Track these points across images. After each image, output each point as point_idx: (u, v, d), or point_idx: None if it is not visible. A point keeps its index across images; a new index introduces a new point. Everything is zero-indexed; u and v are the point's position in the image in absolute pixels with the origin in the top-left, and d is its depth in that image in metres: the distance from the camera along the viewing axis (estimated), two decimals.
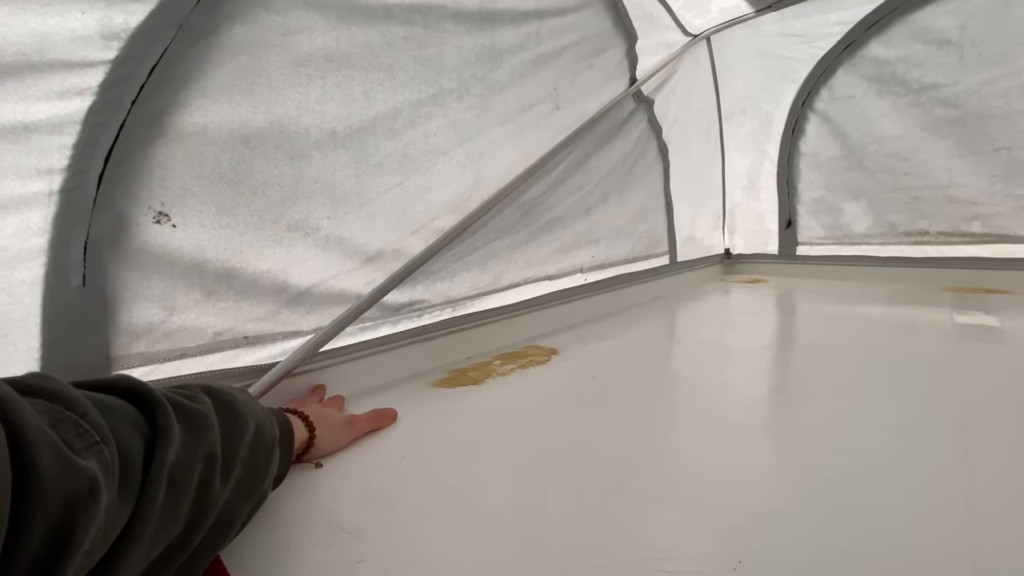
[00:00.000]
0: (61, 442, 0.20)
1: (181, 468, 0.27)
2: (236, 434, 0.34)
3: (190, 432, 0.30)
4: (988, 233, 1.42)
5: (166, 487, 0.26)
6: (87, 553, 0.20)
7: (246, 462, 0.35)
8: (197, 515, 0.29)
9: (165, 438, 0.27)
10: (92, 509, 0.20)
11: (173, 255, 0.56)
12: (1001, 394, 0.65)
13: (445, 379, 0.79)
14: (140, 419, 0.27)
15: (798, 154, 1.70)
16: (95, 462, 0.21)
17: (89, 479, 0.20)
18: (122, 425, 0.26)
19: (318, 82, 0.66)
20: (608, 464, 0.51)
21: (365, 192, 0.73)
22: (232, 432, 0.34)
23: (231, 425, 0.34)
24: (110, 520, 0.22)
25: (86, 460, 0.21)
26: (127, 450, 0.24)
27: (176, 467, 0.27)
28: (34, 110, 0.46)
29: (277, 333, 0.66)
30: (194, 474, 0.29)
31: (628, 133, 1.29)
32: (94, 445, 0.22)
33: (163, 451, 0.26)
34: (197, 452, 0.29)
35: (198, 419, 0.31)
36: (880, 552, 0.36)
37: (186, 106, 0.55)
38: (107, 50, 0.49)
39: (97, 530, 0.21)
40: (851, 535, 0.38)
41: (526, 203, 1.01)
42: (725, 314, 1.27)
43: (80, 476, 0.20)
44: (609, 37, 1.15)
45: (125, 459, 0.24)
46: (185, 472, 0.28)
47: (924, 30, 1.40)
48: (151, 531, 0.24)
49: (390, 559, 0.37)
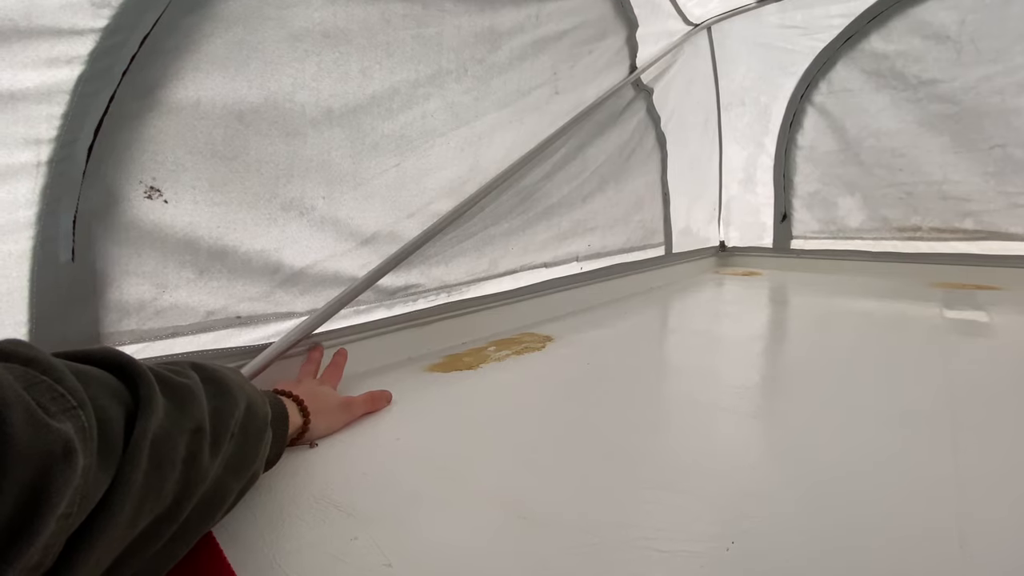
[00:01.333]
0: (35, 404, 0.20)
1: (165, 439, 0.27)
2: (225, 410, 0.34)
3: (175, 405, 0.29)
4: (980, 230, 1.44)
5: (149, 457, 0.25)
6: (64, 516, 0.20)
7: (237, 440, 0.35)
8: (185, 488, 0.29)
9: (147, 409, 0.26)
10: (67, 472, 0.20)
11: (165, 231, 0.55)
12: (990, 387, 0.66)
13: (439, 364, 0.79)
14: (121, 389, 0.27)
15: (795, 147, 1.71)
16: (70, 425, 0.21)
17: (64, 441, 0.20)
18: (101, 393, 0.25)
19: (314, 58, 0.64)
20: (601, 447, 0.51)
21: (361, 173, 0.72)
22: (221, 408, 0.34)
23: (220, 401, 0.34)
24: (89, 486, 0.21)
25: (60, 423, 0.20)
26: (106, 418, 0.24)
27: (159, 438, 0.26)
28: (21, 78, 0.44)
29: (271, 314, 0.65)
30: (179, 446, 0.28)
31: (626, 122, 1.29)
32: (69, 409, 0.22)
33: (145, 420, 0.26)
34: (182, 425, 0.29)
35: (183, 392, 0.31)
36: (870, 535, 0.36)
37: (179, 79, 0.54)
38: (97, 18, 0.47)
39: (74, 494, 0.20)
40: (842, 519, 0.38)
41: (523, 189, 1.00)
42: (719, 305, 1.28)
43: (54, 438, 0.20)
44: (609, 23, 1.14)
45: (104, 426, 0.23)
46: (169, 443, 0.27)
47: (924, 24, 1.40)
48: (133, 501, 0.24)
49: (384, 537, 0.37)
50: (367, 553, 0.35)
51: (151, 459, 0.25)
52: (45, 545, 0.19)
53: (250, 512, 0.40)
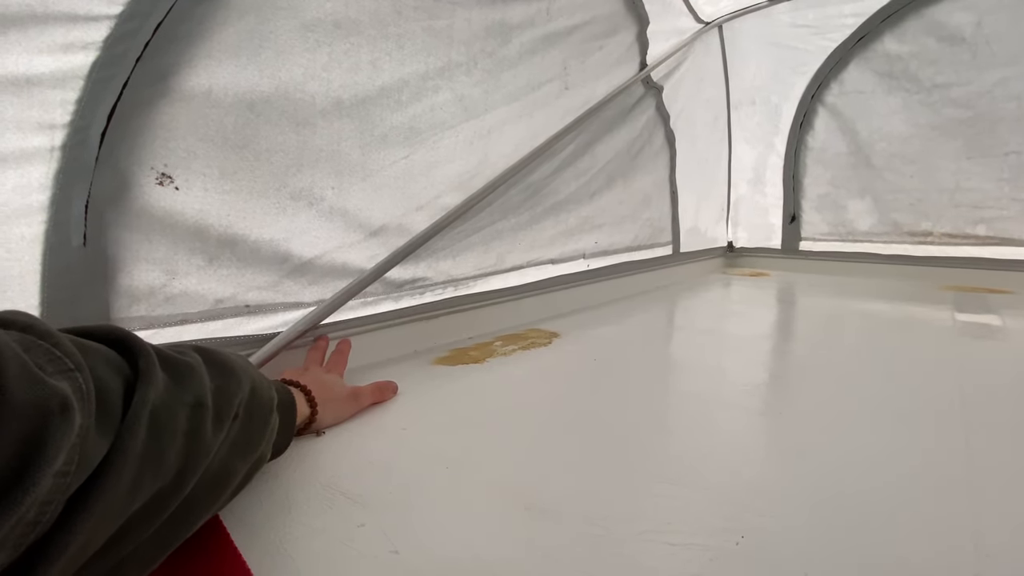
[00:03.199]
0: (31, 363, 0.20)
1: (164, 410, 0.27)
2: (228, 390, 0.34)
3: (175, 379, 0.29)
4: (992, 236, 1.42)
5: (148, 426, 0.25)
6: (61, 475, 0.20)
7: (242, 421, 0.35)
8: (187, 461, 0.28)
9: (147, 380, 0.26)
10: (64, 427, 0.20)
11: (175, 218, 0.55)
12: (1003, 389, 0.65)
13: (446, 357, 0.79)
14: (121, 361, 0.27)
15: (805, 149, 1.69)
16: (67, 385, 0.21)
17: (61, 397, 0.20)
18: (99, 363, 0.25)
19: (325, 48, 0.64)
20: (608, 441, 0.51)
21: (370, 164, 0.72)
22: (224, 387, 0.33)
23: (223, 381, 0.34)
24: (87, 448, 0.21)
25: (58, 382, 0.20)
26: (104, 385, 0.24)
27: (159, 408, 0.26)
28: (37, 63, 0.45)
29: (279, 303, 0.65)
30: (179, 418, 0.28)
31: (636, 119, 1.28)
32: (66, 371, 0.22)
33: (144, 391, 0.26)
34: (182, 399, 0.29)
35: (184, 368, 0.30)
36: (882, 532, 0.36)
37: (191, 66, 0.54)
38: (113, 4, 0.47)
39: (71, 452, 0.20)
40: (853, 516, 0.38)
41: (531, 184, 1.00)
42: (727, 304, 1.27)
43: (51, 393, 0.20)
44: (620, 19, 1.13)
45: (102, 394, 0.23)
46: (169, 415, 0.27)
47: (939, 25, 1.39)
48: (132, 468, 0.24)
49: (390, 524, 0.37)
50: (373, 540, 0.35)
51: (150, 428, 0.25)
52: (41, 501, 0.19)
53: (257, 498, 0.40)
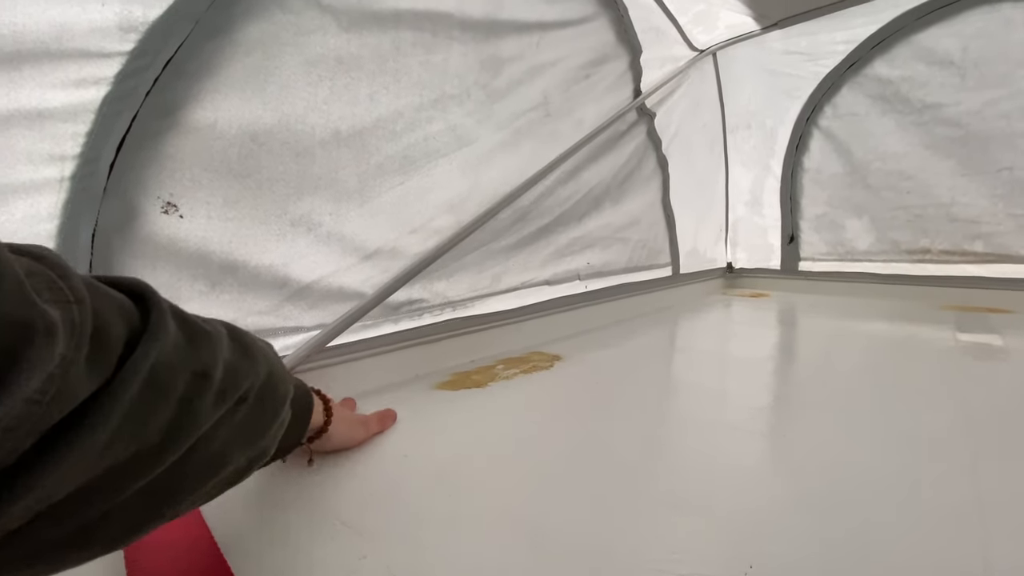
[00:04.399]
0: (28, 285, 0.19)
1: (166, 370, 0.25)
2: (241, 370, 0.32)
3: (186, 341, 0.28)
4: (990, 252, 1.43)
5: (144, 380, 0.24)
6: (33, 402, 0.18)
7: (251, 405, 0.33)
8: (173, 429, 0.26)
9: (154, 335, 0.25)
10: (42, 350, 0.18)
11: (179, 245, 0.56)
12: (1009, 410, 0.64)
13: (448, 381, 0.79)
14: (132, 310, 0.25)
15: (801, 170, 1.72)
16: (58, 314, 0.20)
17: (47, 321, 0.19)
18: (107, 306, 0.24)
19: (327, 83, 0.66)
20: (612, 467, 0.51)
21: (366, 191, 0.73)
22: (237, 366, 0.32)
23: (238, 360, 0.32)
24: (68, 382, 0.20)
25: (49, 308, 0.19)
26: (104, 325, 0.23)
27: (160, 366, 0.25)
28: (50, 97, 0.46)
29: (279, 328, 0.66)
30: (178, 381, 0.26)
31: (625, 145, 1.30)
32: (63, 302, 0.20)
33: (149, 344, 0.25)
34: (187, 363, 0.27)
35: (199, 333, 0.29)
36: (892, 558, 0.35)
37: (198, 100, 0.56)
38: (124, 42, 0.49)
39: (48, 382, 0.19)
40: (862, 543, 0.37)
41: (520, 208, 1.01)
42: (728, 326, 1.27)
43: (37, 314, 0.19)
44: (611, 49, 1.16)
45: (100, 331, 0.22)
46: (169, 375, 0.26)
47: (927, 51, 1.42)
48: (116, 419, 0.22)
49: (393, 556, 0.36)
50: (376, 571, 0.35)
51: (145, 383, 0.24)
52: (5, 427, 0.18)
53: (259, 528, 0.40)
